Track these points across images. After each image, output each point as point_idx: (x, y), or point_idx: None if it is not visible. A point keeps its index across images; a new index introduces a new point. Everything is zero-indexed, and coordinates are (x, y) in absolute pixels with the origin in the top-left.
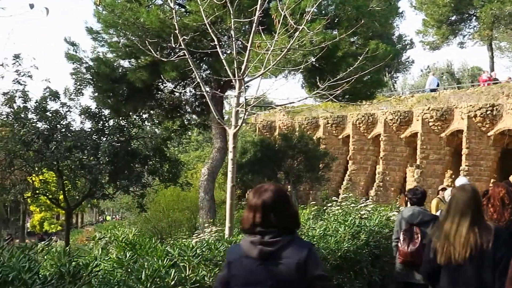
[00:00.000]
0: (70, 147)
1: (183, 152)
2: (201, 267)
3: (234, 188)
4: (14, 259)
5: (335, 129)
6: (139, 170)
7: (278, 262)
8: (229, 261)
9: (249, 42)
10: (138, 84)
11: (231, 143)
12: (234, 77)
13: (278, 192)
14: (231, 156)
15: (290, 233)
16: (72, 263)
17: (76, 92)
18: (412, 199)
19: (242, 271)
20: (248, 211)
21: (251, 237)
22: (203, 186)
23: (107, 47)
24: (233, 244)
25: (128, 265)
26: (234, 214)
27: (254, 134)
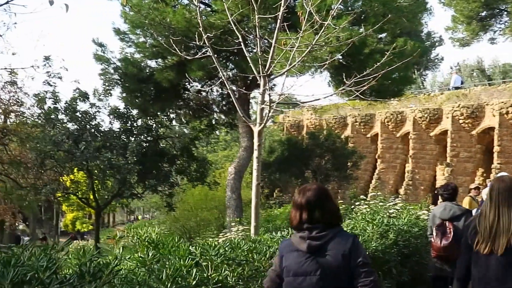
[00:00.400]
0: (99, 147)
1: (212, 152)
2: (224, 266)
3: (259, 187)
4: (34, 258)
5: (363, 127)
6: (167, 170)
7: (325, 254)
8: (281, 255)
9: (274, 39)
10: (165, 84)
11: (256, 141)
12: (259, 75)
13: (320, 190)
14: (256, 154)
15: (334, 227)
16: (93, 262)
17: (104, 93)
18: (444, 195)
19: (293, 263)
20: (295, 209)
21: (300, 233)
22: (230, 185)
23: (134, 48)
24: (285, 239)
25: (151, 264)
26: (261, 213)
27: (281, 133)
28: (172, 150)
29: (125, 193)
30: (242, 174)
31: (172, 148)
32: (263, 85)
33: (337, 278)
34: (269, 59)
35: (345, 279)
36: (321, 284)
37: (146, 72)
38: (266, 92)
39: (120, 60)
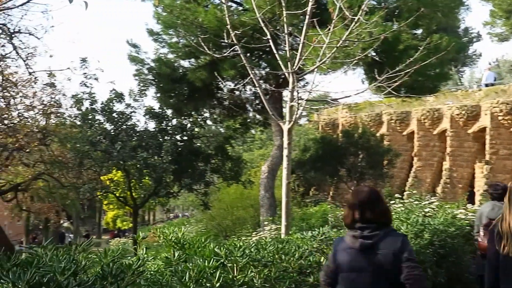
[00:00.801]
0: (135, 146)
1: (247, 151)
2: (250, 268)
3: (289, 185)
4: (55, 259)
5: (399, 125)
6: (202, 169)
7: (377, 252)
8: (335, 252)
9: (303, 35)
10: (198, 83)
11: (285, 140)
12: (287, 71)
13: (372, 192)
14: (286, 153)
15: (384, 226)
16: (116, 263)
17: (139, 93)
18: (493, 194)
19: (347, 260)
20: (348, 209)
21: (353, 231)
22: (263, 184)
23: (168, 48)
24: (338, 237)
25: (177, 265)
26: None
27: (316, 132)
28: (207, 149)
29: (161, 192)
30: (275, 172)
31: (207, 147)
32: (292, 82)
33: (388, 275)
34: (298, 55)
35: (395, 276)
36: (373, 280)
37: (180, 72)
38: (295, 90)
39: (153, 61)
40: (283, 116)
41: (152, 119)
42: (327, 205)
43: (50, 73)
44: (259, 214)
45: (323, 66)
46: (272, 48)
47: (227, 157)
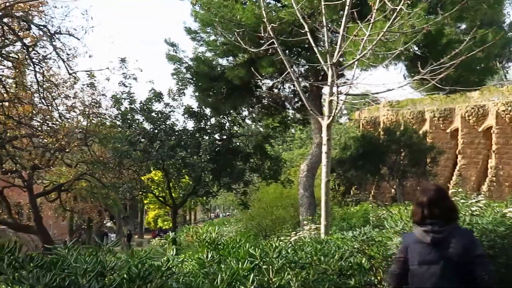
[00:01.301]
0: (173, 146)
1: (287, 150)
2: (286, 270)
3: (329, 184)
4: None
5: (442, 122)
6: (241, 168)
7: (447, 246)
8: (405, 246)
9: (342, 27)
10: (236, 81)
11: (324, 136)
12: (326, 64)
13: (439, 190)
14: (325, 149)
15: (451, 222)
16: (144, 265)
17: (178, 92)
18: None
19: (418, 254)
20: (417, 207)
21: (423, 227)
22: (303, 183)
23: (205, 46)
24: (408, 232)
25: (210, 266)
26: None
27: (357, 131)
28: (246, 148)
29: (200, 191)
30: (315, 171)
31: (246, 146)
32: (331, 76)
33: (457, 268)
34: (337, 48)
35: (464, 269)
36: (443, 272)
37: (218, 71)
38: (334, 84)
39: (191, 59)
40: (322, 113)
41: (191, 118)
42: (368, 204)
43: (90, 74)
44: (299, 213)
45: (363, 60)
46: (311, 44)
47: (266, 156)
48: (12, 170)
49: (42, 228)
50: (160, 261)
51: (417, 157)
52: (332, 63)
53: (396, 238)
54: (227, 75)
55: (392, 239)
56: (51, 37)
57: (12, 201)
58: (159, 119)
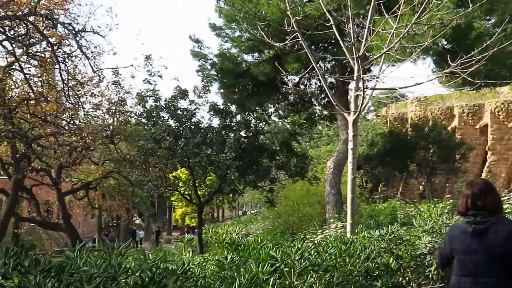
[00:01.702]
0: (199, 143)
1: (314, 147)
2: (309, 273)
3: (355, 181)
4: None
5: (472, 118)
6: (267, 165)
7: (488, 236)
8: (450, 237)
9: (368, 19)
10: (261, 77)
11: (350, 131)
12: (353, 59)
13: (484, 184)
14: (351, 146)
15: (495, 214)
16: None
17: (203, 89)
18: None
19: (460, 244)
20: (462, 199)
21: (466, 218)
22: (329, 180)
23: (230, 42)
24: (453, 224)
25: (230, 269)
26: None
27: (385, 127)
28: (272, 145)
29: (225, 189)
30: (341, 168)
31: (272, 143)
32: (357, 70)
33: (498, 258)
34: (364, 41)
35: (505, 258)
36: (485, 262)
37: (243, 67)
38: (360, 78)
39: (216, 56)
40: (349, 109)
41: (216, 115)
42: (396, 201)
43: (115, 71)
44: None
45: (390, 53)
46: (337, 39)
47: (292, 153)
48: (41, 169)
49: (70, 226)
50: (175, 264)
51: (446, 153)
52: (357, 56)
53: (425, 237)
54: (252, 71)
55: (421, 238)
56: (76, 35)
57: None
58: (184, 117)
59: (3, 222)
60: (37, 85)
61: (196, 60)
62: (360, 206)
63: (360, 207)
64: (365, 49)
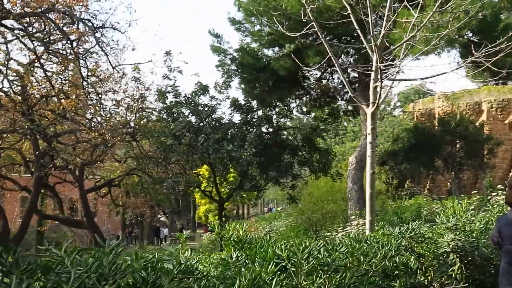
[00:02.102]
0: (219, 139)
1: (340, 143)
2: (318, 273)
3: (374, 176)
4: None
5: (501, 113)
6: (289, 161)
7: None
8: (498, 227)
9: (387, 7)
10: (282, 72)
11: (369, 125)
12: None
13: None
14: (370, 139)
15: None
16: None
17: (224, 85)
18: None
19: (508, 233)
20: (509, 190)
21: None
22: (351, 176)
23: (250, 37)
24: (501, 215)
25: (235, 267)
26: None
27: (411, 122)
28: (294, 141)
29: (245, 185)
30: (363, 164)
31: (294, 139)
32: (375, 60)
33: None
34: (382, 29)
35: None
36: None
37: (263, 61)
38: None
39: (236, 51)
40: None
41: (237, 111)
42: (423, 198)
43: (134, 67)
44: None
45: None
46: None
47: (314, 148)
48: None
49: (92, 223)
50: (172, 263)
51: (474, 148)
52: (375, 44)
53: (448, 235)
54: (273, 66)
55: (444, 235)
56: (94, 30)
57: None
58: (205, 112)
59: (25, 219)
60: (57, 82)
61: (215, 55)
62: (385, 202)
63: (386, 203)
64: (388, 42)
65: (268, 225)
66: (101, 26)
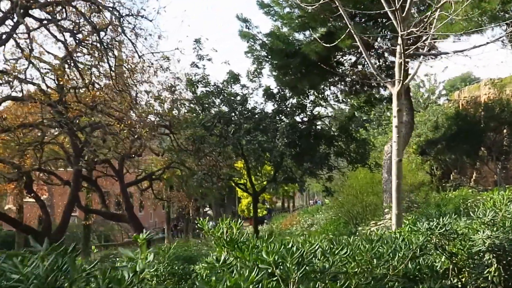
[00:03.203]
0: (250, 129)
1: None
2: (312, 281)
3: (401, 164)
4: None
5: None
6: (324, 152)
7: None
8: None
9: None
10: (313, 56)
11: (394, 106)
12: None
13: None
14: (395, 123)
15: None
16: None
17: (255, 73)
18: None
19: None
20: None
21: None
22: (386, 166)
23: (280, 20)
24: None
25: (222, 271)
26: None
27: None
28: (330, 131)
29: (278, 177)
30: (401, 153)
31: (329, 128)
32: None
33: None
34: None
35: None
36: None
37: (294, 46)
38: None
39: (266, 35)
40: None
41: (270, 100)
42: (468, 189)
43: (164, 56)
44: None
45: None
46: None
47: (351, 138)
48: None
49: (133, 217)
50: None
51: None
52: (396, 8)
53: (484, 231)
54: (303, 50)
55: (479, 231)
56: (119, 19)
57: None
58: (236, 102)
59: (66, 212)
60: (86, 73)
61: (244, 40)
62: (429, 194)
63: (429, 195)
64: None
65: (310, 218)
66: (127, 14)
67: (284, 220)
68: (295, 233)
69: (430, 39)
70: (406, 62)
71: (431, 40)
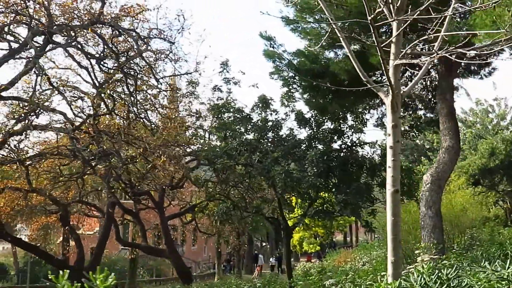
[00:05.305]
0: (277, 157)
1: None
2: None
3: (398, 195)
4: None
5: None
6: (366, 182)
7: None
8: None
9: None
10: (343, 75)
11: (389, 120)
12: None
13: None
14: (390, 142)
15: None
16: None
17: (287, 96)
18: None
19: None
20: None
21: None
22: (425, 198)
23: (306, 37)
24: None
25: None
26: (503, 234)
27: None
28: (371, 159)
29: (309, 211)
30: (442, 183)
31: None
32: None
33: None
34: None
35: None
36: None
37: (323, 65)
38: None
39: (292, 54)
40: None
41: (302, 125)
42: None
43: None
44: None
45: None
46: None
47: None
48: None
49: (173, 252)
50: None
51: None
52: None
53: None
54: (332, 69)
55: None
56: (137, 41)
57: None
58: (266, 128)
59: (100, 244)
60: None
61: (269, 61)
62: (494, 230)
63: (494, 231)
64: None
65: (366, 255)
66: (147, 36)
67: (337, 257)
68: (343, 273)
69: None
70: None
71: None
